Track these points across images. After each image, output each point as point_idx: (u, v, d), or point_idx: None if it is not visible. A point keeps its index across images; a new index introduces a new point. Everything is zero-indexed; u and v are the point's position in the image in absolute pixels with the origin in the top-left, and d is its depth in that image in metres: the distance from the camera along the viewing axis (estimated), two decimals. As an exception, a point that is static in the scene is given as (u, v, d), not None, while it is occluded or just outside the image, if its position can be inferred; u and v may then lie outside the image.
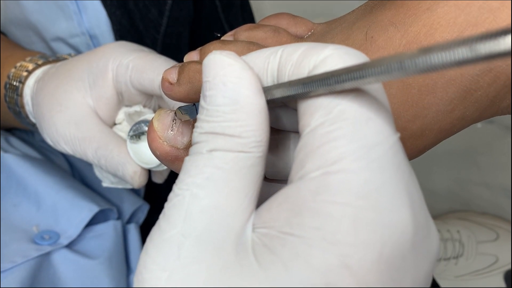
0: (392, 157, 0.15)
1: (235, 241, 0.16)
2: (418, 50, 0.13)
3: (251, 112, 0.17)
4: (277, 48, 0.18)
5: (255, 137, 0.17)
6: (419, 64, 0.13)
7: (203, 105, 0.17)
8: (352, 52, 0.16)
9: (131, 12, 0.46)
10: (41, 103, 0.36)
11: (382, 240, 0.14)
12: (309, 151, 0.16)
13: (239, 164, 0.17)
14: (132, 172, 0.34)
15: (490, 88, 0.21)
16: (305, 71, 0.16)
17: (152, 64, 0.34)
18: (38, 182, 0.42)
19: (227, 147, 0.17)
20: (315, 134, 0.16)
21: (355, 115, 0.15)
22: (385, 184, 0.15)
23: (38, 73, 0.39)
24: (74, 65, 0.37)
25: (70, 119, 0.35)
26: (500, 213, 0.76)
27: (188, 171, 0.17)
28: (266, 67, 0.18)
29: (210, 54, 0.18)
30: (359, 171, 0.15)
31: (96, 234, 0.42)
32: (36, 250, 0.38)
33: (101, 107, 0.35)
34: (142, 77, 0.34)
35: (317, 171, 0.15)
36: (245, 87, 0.17)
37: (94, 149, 0.35)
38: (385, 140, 0.15)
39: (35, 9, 0.43)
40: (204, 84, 0.17)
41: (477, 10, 0.20)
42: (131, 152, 0.34)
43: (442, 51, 0.12)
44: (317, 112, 0.16)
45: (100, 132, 0.35)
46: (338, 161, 0.15)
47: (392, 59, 0.13)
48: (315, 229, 0.15)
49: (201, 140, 0.17)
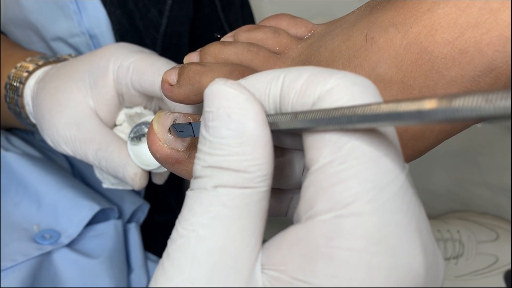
0: (403, 196, 0.15)
1: (244, 284, 0.15)
2: (438, 99, 0.12)
3: (257, 145, 0.16)
4: (279, 73, 0.17)
5: (261, 171, 0.16)
6: (437, 115, 0.12)
7: (205, 136, 0.17)
8: (360, 81, 0.16)
9: (131, 12, 0.46)
10: (42, 104, 0.36)
11: (397, 284, 0.14)
12: (318, 190, 0.15)
13: (245, 200, 0.16)
14: (132, 174, 0.34)
15: (491, 89, 0.21)
16: (310, 101, 0.16)
17: (152, 66, 0.34)
18: (38, 181, 0.42)
19: (233, 183, 0.16)
20: (324, 173, 0.15)
21: (366, 153, 0.15)
22: (398, 227, 0.15)
23: (38, 74, 0.39)
24: (74, 65, 0.37)
25: (71, 119, 0.35)
26: (500, 213, 0.75)
27: (193, 209, 0.16)
28: (268, 93, 0.17)
29: (213, 84, 0.17)
30: (372, 215, 0.14)
31: (97, 234, 0.42)
32: (37, 249, 0.38)
33: (101, 108, 0.35)
34: (143, 79, 0.34)
35: (329, 214, 0.15)
36: (251, 118, 0.16)
37: (95, 150, 0.35)
38: (396, 178, 0.15)
39: (35, 9, 0.43)
40: (207, 114, 0.17)
41: (478, 11, 0.20)
42: (132, 154, 0.34)
43: (465, 105, 0.12)
44: (325, 148, 0.15)
45: (100, 133, 0.35)
46: (350, 203, 0.14)
47: (411, 106, 0.13)
48: (330, 277, 0.14)
49: (205, 175, 0.16)
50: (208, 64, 0.24)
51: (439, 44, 0.21)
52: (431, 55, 0.21)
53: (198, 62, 0.26)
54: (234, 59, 0.26)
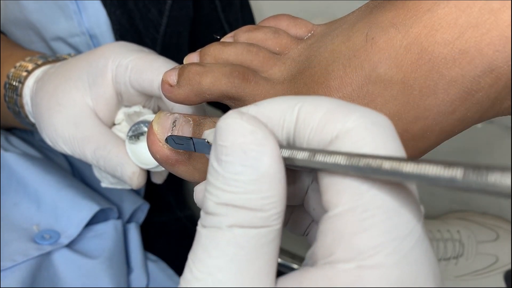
0: (421, 246, 0.15)
1: None
2: (472, 170, 0.12)
3: (272, 182, 0.16)
4: (293, 102, 0.17)
5: (276, 209, 0.16)
6: (471, 186, 0.12)
7: (217, 170, 0.16)
8: (379, 121, 0.15)
9: (131, 12, 0.46)
10: (40, 103, 0.36)
11: None
12: (339, 237, 0.15)
13: (261, 240, 0.16)
14: (130, 173, 0.34)
15: (491, 89, 0.21)
16: (327, 139, 0.16)
17: (151, 65, 0.34)
18: (38, 181, 0.42)
19: (249, 222, 0.15)
20: (345, 220, 0.15)
21: (388, 203, 0.15)
22: (418, 277, 0.15)
23: (37, 73, 0.38)
24: (73, 64, 0.37)
25: (69, 119, 0.35)
26: (500, 213, 0.76)
27: (207, 250, 0.16)
28: (282, 124, 0.17)
29: (228, 117, 0.16)
30: (395, 267, 0.14)
31: (97, 234, 0.42)
32: (37, 249, 0.38)
33: (100, 107, 0.35)
34: (142, 78, 0.34)
35: (351, 264, 0.14)
36: (267, 155, 0.16)
37: (93, 149, 0.34)
38: (414, 229, 0.15)
39: (35, 9, 0.43)
40: (219, 147, 0.16)
41: (478, 11, 0.20)
42: (130, 153, 0.34)
43: (497, 182, 0.12)
44: (345, 193, 0.15)
45: (99, 132, 0.35)
46: (373, 255, 0.14)
47: (443, 171, 0.13)
48: None
49: (219, 213, 0.16)
50: (208, 65, 0.24)
51: (440, 44, 0.21)
52: (432, 55, 0.21)
53: (198, 62, 0.26)
54: (234, 59, 0.26)
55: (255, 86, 0.24)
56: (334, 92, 0.22)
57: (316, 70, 0.23)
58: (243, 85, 0.24)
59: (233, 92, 0.24)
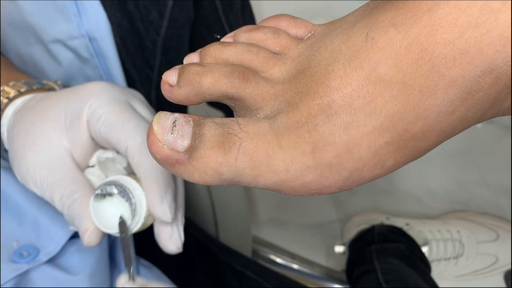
0: None
1: None
2: None
3: None
4: None
5: None
6: None
7: None
8: None
9: (131, 14, 0.46)
10: (16, 138, 0.36)
11: None
12: None
13: None
14: (83, 229, 0.34)
15: (491, 89, 0.21)
16: None
17: (123, 125, 0.33)
18: (20, 195, 0.41)
19: None
20: None
21: None
22: None
23: (18, 103, 0.38)
24: (52, 102, 0.36)
25: (43, 160, 0.34)
26: (500, 213, 0.76)
27: None
28: None
29: None
30: None
31: (80, 248, 0.41)
32: (13, 270, 0.37)
33: (76, 150, 0.35)
34: (111, 135, 0.33)
35: None
36: None
37: (60, 196, 0.34)
38: None
39: (34, 11, 0.43)
40: None
41: (478, 11, 0.20)
42: (92, 210, 0.33)
43: None
44: None
45: (70, 178, 0.34)
46: None
47: None
48: None
49: None
50: (208, 65, 0.24)
51: (440, 44, 0.21)
52: (432, 56, 0.21)
53: (198, 62, 0.26)
54: (234, 59, 0.26)
55: (255, 86, 0.24)
56: (334, 92, 0.22)
57: (316, 70, 0.23)
58: (243, 85, 0.24)
59: (233, 92, 0.24)
